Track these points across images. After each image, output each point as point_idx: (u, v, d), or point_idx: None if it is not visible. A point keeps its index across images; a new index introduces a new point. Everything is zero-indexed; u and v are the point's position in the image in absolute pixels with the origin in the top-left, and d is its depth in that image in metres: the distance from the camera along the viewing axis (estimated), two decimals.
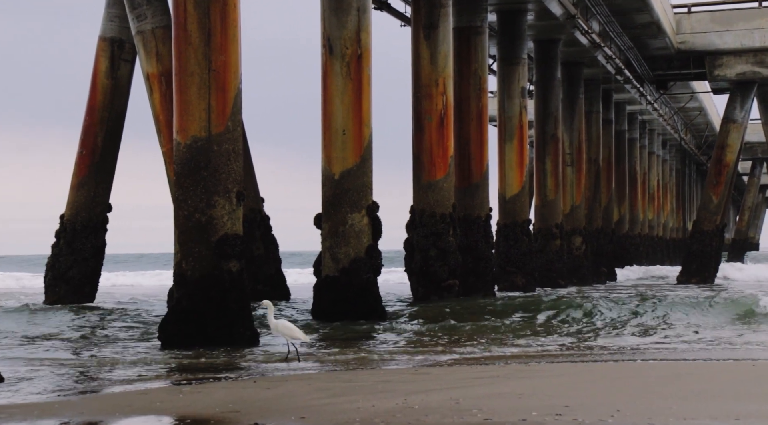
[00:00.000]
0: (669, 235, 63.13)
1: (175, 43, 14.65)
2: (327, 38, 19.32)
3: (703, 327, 17.70)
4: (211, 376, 11.00)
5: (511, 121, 28.62)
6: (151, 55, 21.99)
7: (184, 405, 8.65)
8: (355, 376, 10.72)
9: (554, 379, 10.01)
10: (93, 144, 23.99)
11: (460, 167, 25.05)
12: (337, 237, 18.94)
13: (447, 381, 9.90)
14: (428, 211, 22.55)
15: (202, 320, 14.06)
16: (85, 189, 23.97)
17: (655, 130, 56.03)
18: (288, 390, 9.46)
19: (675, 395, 8.68)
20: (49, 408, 8.62)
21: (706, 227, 37.56)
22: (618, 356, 12.84)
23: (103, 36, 24.10)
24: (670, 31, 37.17)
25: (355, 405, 8.36)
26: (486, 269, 24.79)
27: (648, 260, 50.75)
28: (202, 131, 14.41)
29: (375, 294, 19.02)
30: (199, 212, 14.30)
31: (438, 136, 22.72)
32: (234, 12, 14.70)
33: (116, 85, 24.05)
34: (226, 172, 14.45)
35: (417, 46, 23.10)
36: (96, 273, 24.34)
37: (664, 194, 62.08)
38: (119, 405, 8.71)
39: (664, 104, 49.88)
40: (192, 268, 14.21)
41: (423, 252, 22.37)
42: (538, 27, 30.75)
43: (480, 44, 25.61)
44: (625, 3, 32.66)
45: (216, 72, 14.44)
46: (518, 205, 28.52)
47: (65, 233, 23.97)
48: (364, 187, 19.17)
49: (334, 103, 19.21)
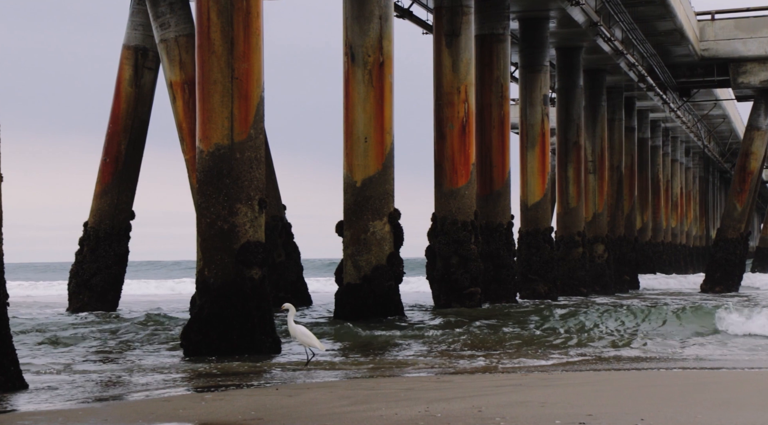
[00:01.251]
0: (692, 243, 62.70)
1: (198, 52, 14.73)
2: (349, 46, 19.36)
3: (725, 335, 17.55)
4: (233, 383, 11.02)
5: (533, 129, 28.55)
6: (174, 63, 22.13)
7: (206, 413, 8.67)
8: (378, 384, 10.70)
9: (577, 388, 9.95)
10: (116, 152, 24.15)
11: (481, 174, 25.01)
12: (358, 244, 18.96)
13: (469, 389, 9.86)
14: (450, 219, 22.52)
15: (224, 327, 14.09)
16: (109, 196, 24.12)
17: (679, 138, 55.72)
18: (310, 398, 9.46)
19: (700, 404, 8.61)
20: (74, 415, 8.66)
21: (730, 235, 37.28)
22: (642, 364, 12.74)
23: (127, 44, 24.28)
24: (693, 38, 36.97)
25: (377, 413, 8.34)
26: (508, 277, 24.72)
27: (672, 268, 50.41)
28: (225, 139, 14.47)
29: (396, 302, 19.01)
30: (222, 219, 14.35)
31: (460, 143, 22.70)
32: (257, 20, 14.76)
33: (140, 93, 24.21)
34: (248, 179, 14.50)
35: (439, 53, 23.11)
36: (119, 280, 24.47)
37: (688, 202, 61.70)
38: (142, 412, 8.74)
39: (688, 112, 49.60)
40: (214, 276, 14.25)
41: (445, 260, 22.34)
42: (560, 34, 30.68)
43: (502, 52, 25.58)
44: (648, 10, 32.52)
45: (239, 80, 14.50)
46: (540, 212, 28.42)
47: (89, 240, 24.12)
48: (386, 195, 19.18)
49: (355, 110, 19.24)
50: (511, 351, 14.97)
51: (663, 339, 16.93)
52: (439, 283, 22.51)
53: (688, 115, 50.24)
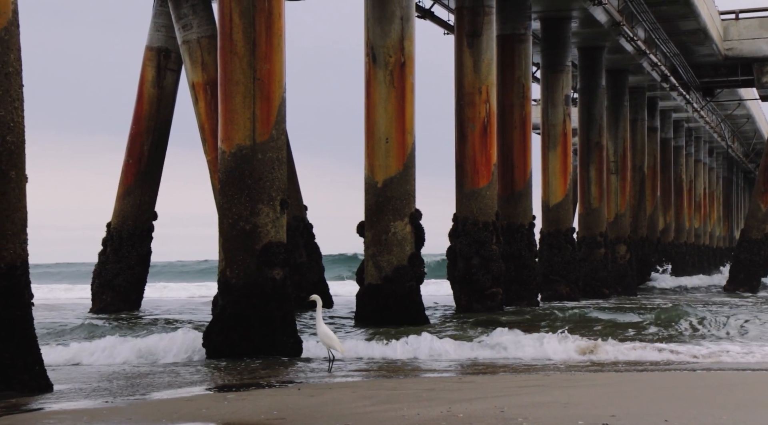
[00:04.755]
0: (716, 244, 62.25)
1: (220, 53, 14.79)
2: (370, 47, 19.38)
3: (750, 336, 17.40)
4: (255, 383, 11.06)
5: (555, 129, 28.44)
6: (196, 64, 22.23)
7: (229, 412, 8.70)
8: (399, 384, 10.70)
9: (600, 388, 9.90)
10: (139, 152, 24.28)
11: (503, 175, 24.95)
12: (379, 245, 18.96)
13: (491, 390, 9.84)
14: (471, 219, 22.48)
15: (246, 328, 14.13)
16: (132, 197, 24.26)
17: (702, 138, 55.33)
18: (332, 398, 9.47)
19: (725, 405, 8.55)
20: (98, 414, 8.72)
21: (754, 236, 36.97)
22: (665, 365, 12.67)
23: (149, 46, 24.41)
24: (717, 37, 36.71)
25: (399, 413, 8.34)
26: (529, 277, 24.64)
27: (696, 269, 50.07)
28: (247, 140, 14.51)
29: (417, 303, 18.99)
30: (244, 220, 14.39)
31: (481, 143, 22.65)
32: (279, 21, 14.80)
33: (162, 95, 24.34)
34: (270, 180, 14.54)
35: (460, 54, 23.08)
36: (142, 280, 24.60)
37: (711, 202, 61.25)
38: (166, 412, 8.78)
39: (711, 112, 49.26)
40: (236, 276, 14.30)
41: (466, 261, 22.29)
42: (582, 34, 30.55)
43: (524, 52, 25.51)
44: (671, 10, 32.33)
45: (261, 81, 14.54)
46: (562, 213, 28.32)
47: (112, 241, 24.26)
48: (407, 195, 19.18)
49: (377, 111, 19.25)
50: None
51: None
52: (460, 284, 22.46)
53: (711, 115, 49.88)
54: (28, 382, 10.03)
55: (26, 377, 10.03)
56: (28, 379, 10.04)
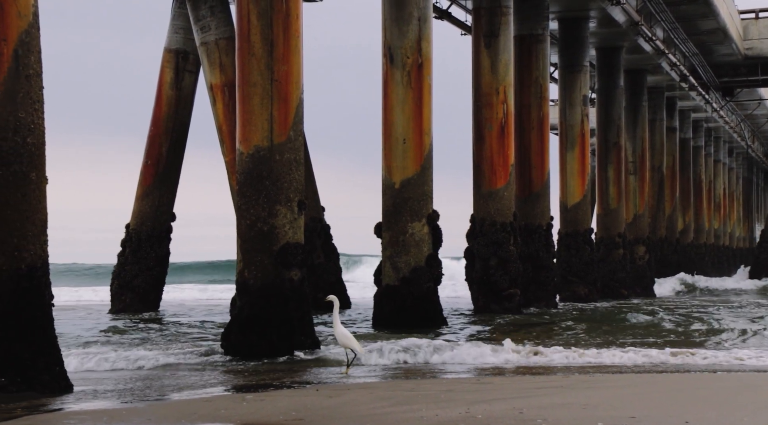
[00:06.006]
0: (735, 244, 61.84)
1: (238, 54, 14.83)
2: (388, 47, 19.38)
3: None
4: (273, 384, 11.07)
5: (573, 129, 28.35)
6: (214, 65, 22.30)
7: (248, 413, 8.72)
8: (418, 385, 10.69)
9: (619, 390, 9.85)
10: (158, 154, 24.38)
11: (520, 176, 24.89)
12: (397, 246, 18.95)
13: (510, 391, 9.81)
14: (489, 220, 22.43)
15: (264, 328, 14.16)
16: (150, 198, 24.36)
17: (721, 138, 55.00)
18: (350, 399, 9.47)
19: (745, 406, 8.49)
20: (117, 415, 8.76)
21: None
22: (685, 367, 12.59)
23: (168, 48, 24.51)
24: (736, 37, 36.47)
25: (418, 414, 8.33)
26: (547, 278, 24.57)
27: (715, 270, 49.74)
28: (265, 141, 14.54)
29: (435, 304, 18.97)
30: (261, 221, 14.42)
31: (499, 144, 22.60)
32: (296, 23, 14.82)
33: (180, 96, 24.43)
34: (287, 181, 14.56)
35: (477, 54, 23.04)
36: (160, 281, 24.70)
37: (731, 202, 60.87)
38: (185, 412, 8.81)
39: (731, 111, 48.95)
40: (254, 277, 14.33)
41: (483, 261, 22.25)
42: (600, 34, 30.43)
43: (541, 52, 25.44)
44: (690, 9, 32.14)
45: (278, 82, 14.57)
46: (580, 213, 28.22)
47: (131, 242, 24.37)
48: (425, 196, 19.16)
49: (394, 112, 19.25)
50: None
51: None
52: (477, 285, 22.42)
53: (731, 115, 49.57)
54: (48, 383, 10.09)
55: (47, 377, 10.09)
56: (48, 380, 10.10)
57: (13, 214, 9.97)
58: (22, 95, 10.07)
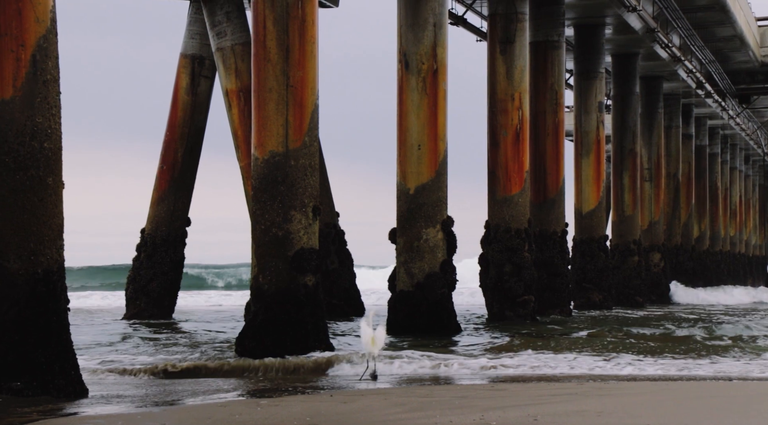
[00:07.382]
0: (752, 252, 61.51)
1: (254, 60, 14.87)
2: (403, 53, 19.40)
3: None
4: (287, 389, 11.09)
5: (588, 136, 28.30)
6: (230, 71, 22.37)
7: (262, 418, 8.73)
8: (432, 391, 10.68)
9: (633, 397, 9.81)
10: (173, 159, 24.46)
11: (535, 182, 24.85)
12: (411, 252, 18.95)
13: (524, 398, 9.78)
14: (503, 226, 22.39)
15: (278, 334, 14.18)
16: (165, 203, 24.43)
17: (738, 145, 54.75)
18: (365, 405, 9.47)
19: (761, 415, 8.43)
20: (132, 419, 8.78)
21: None
22: (701, 375, 12.52)
23: (184, 53, 24.60)
24: (753, 44, 36.33)
25: (432, 421, 8.32)
26: (562, 285, 24.50)
27: (731, 278, 49.45)
28: (280, 146, 14.58)
29: (449, 310, 18.95)
30: (276, 226, 14.45)
31: (514, 150, 22.57)
32: (312, 28, 14.86)
33: (196, 101, 24.51)
34: (302, 186, 14.59)
35: (493, 60, 23.03)
36: (175, 286, 24.76)
37: (747, 210, 60.56)
38: (199, 417, 8.83)
39: (747, 119, 48.73)
40: (269, 282, 14.35)
41: (498, 268, 22.22)
42: (616, 41, 30.38)
43: (557, 58, 25.41)
44: (707, 16, 32.05)
45: (294, 88, 14.60)
46: (595, 220, 28.14)
47: (146, 247, 24.45)
48: (439, 202, 19.15)
49: (409, 118, 19.26)
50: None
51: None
52: (492, 291, 22.38)
53: (747, 122, 49.34)
54: (63, 387, 10.13)
55: (62, 381, 10.13)
56: (63, 384, 10.14)
57: (30, 219, 10.02)
58: (39, 100, 10.14)
